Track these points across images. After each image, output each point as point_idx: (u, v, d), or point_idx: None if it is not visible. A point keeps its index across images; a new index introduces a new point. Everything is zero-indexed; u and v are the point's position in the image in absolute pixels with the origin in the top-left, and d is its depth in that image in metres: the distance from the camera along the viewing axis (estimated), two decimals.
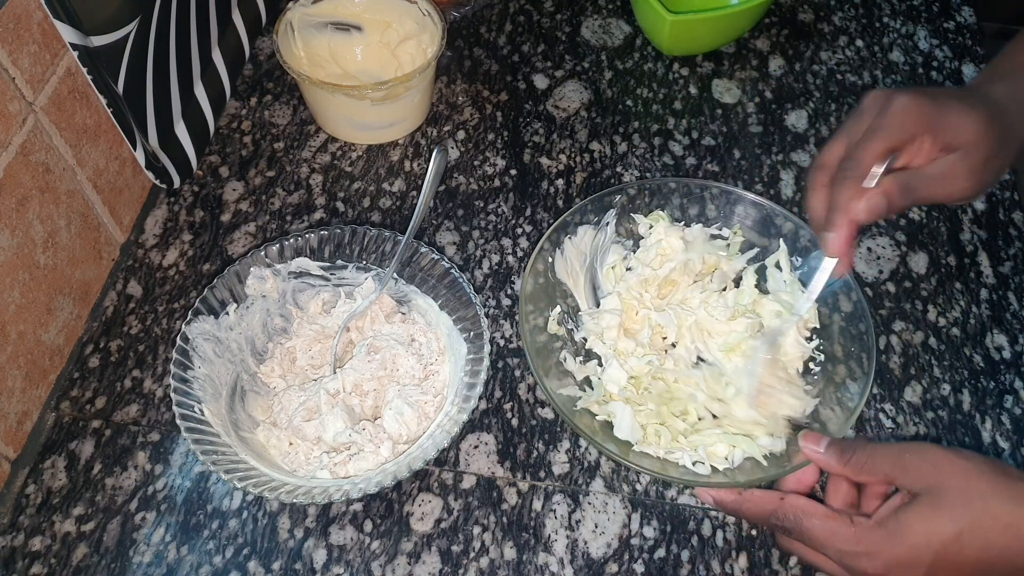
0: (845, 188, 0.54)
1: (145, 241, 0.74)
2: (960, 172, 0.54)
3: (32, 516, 0.60)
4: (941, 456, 0.47)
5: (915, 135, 0.53)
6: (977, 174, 0.54)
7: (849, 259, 0.56)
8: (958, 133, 0.53)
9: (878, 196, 0.53)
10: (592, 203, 0.67)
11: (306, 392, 0.63)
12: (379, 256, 0.66)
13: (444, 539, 0.59)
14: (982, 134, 0.53)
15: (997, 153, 0.54)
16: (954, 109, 0.54)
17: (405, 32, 0.82)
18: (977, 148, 0.53)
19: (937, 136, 0.53)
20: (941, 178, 0.54)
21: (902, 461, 0.48)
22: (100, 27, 0.62)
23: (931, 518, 0.45)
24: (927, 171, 0.54)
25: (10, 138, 0.58)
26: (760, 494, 0.52)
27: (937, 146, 0.54)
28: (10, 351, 0.60)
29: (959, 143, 0.53)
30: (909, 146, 0.54)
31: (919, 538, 0.45)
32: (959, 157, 0.54)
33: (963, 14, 0.92)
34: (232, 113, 0.83)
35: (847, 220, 0.54)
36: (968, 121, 0.53)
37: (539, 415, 0.65)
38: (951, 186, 0.54)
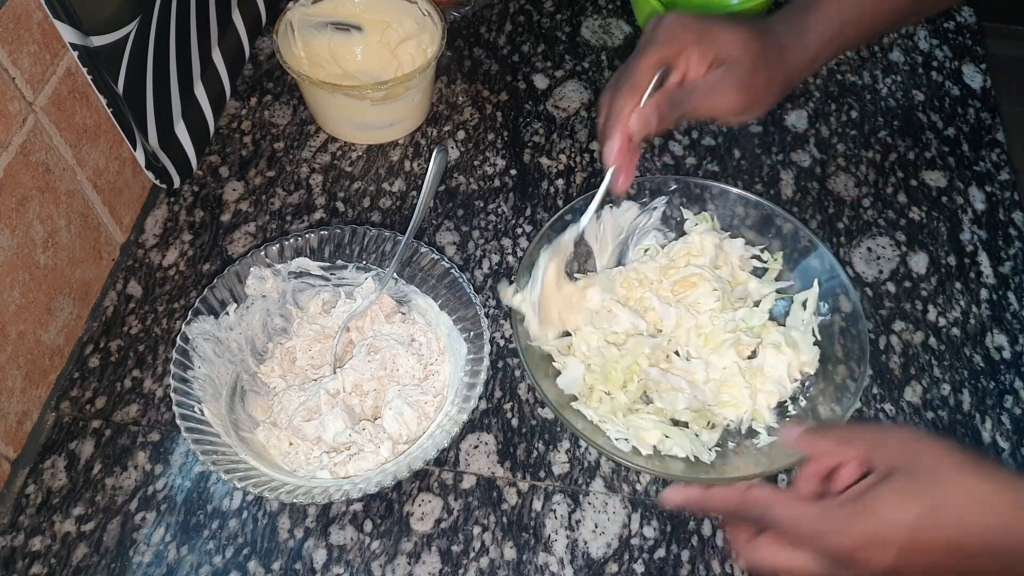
0: (619, 98, 0.57)
1: (145, 241, 0.74)
2: (726, 85, 0.56)
3: (32, 516, 0.60)
4: (915, 436, 0.47)
5: (683, 46, 0.56)
6: (743, 89, 0.57)
7: (627, 171, 0.58)
8: (722, 46, 0.56)
9: (650, 108, 0.56)
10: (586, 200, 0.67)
11: (306, 392, 0.63)
12: (379, 256, 0.66)
13: (444, 539, 0.59)
14: (746, 49, 0.56)
15: (763, 69, 0.57)
16: (721, 25, 0.57)
17: (405, 32, 0.82)
18: (742, 62, 0.56)
19: (703, 49, 0.56)
20: (708, 90, 0.57)
21: (880, 436, 0.48)
22: (100, 27, 0.62)
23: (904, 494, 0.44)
24: (696, 84, 0.57)
25: (10, 138, 0.58)
26: (724, 489, 0.51)
27: (705, 59, 0.57)
28: (10, 351, 0.60)
29: (725, 56, 0.56)
30: (679, 59, 0.57)
31: (891, 513, 0.44)
32: (726, 70, 0.56)
33: (963, 14, 0.92)
34: (232, 113, 0.83)
35: (620, 129, 0.56)
36: (732, 36, 0.57)
37: (539, 415, 0.65)
38: (718, 99, 0.57)
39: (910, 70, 0.87)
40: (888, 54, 0.88)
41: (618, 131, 0.57)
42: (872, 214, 0.76)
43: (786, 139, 0.82)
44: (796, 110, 0.84)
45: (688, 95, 0.57)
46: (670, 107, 0.57)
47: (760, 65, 0.57)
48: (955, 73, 0.87)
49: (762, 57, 0.57)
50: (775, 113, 0.84)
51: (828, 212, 0.76)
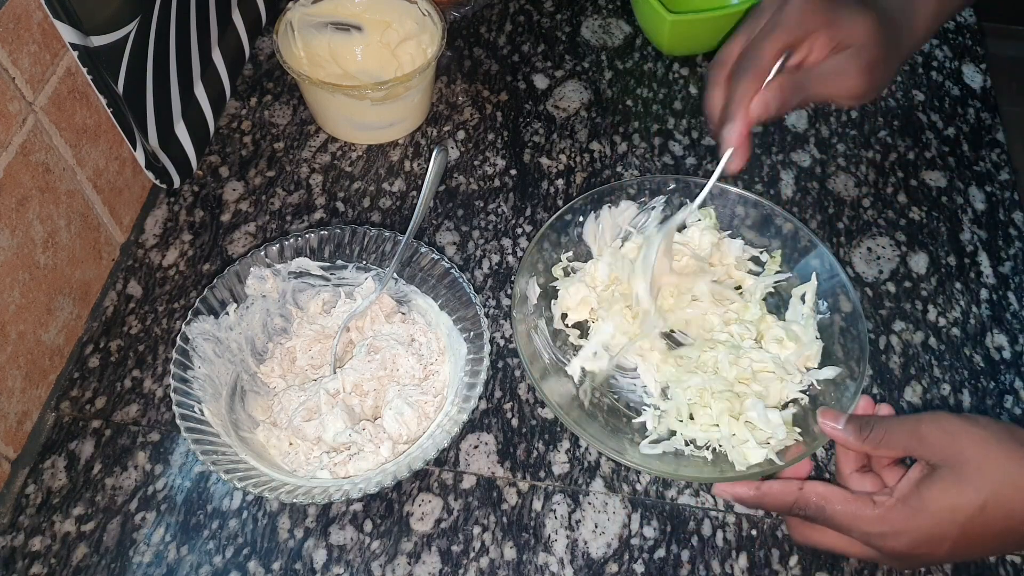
0: (743, 81, 0.56)
1: (145, 241, 0.74)
2: (851, 69, 0.57)
3: (32, 516, 0.60)
4: (957, 426, 0.47)
5: (810, 31, 0.56)
6: (867, 73, 0.57)
7: (745, 152, 0.58)
8: (851, 31, 0.56)
9: (772, 92, 0.56)
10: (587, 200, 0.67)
11: (306, 392, 0.63)
12: (379, 256, 0.66)
13: (444, 539, 0.59)
14: (873, 34, 0.56)
15: (886, 55, 0.57)
16: (847, 9, 0.56)
17: (405, 32, 0.82)
18: (867, 47, 0.56)
19: (830, 33, 0.56)
20: (832, 75, 0.57)
21: (919, 433, 0.48)
22: (100, 27, 0.62)
23: (954, 491, 0.45)
24: (820, 69, 0.57)
25: (10, 138, 0.58)
26: (779, 485, 0.52)
27: (830, 43, 0.56)
28: (10, 351, 0.60)
29: (851, 41, 0.56)
30: (804, 43, 0.56)
31: (944, 513, 0.45)
32: (850, 55, 0.56)
33: (963, 14, 0.92)
34: (232, 113, 0.83)
35: (743, 112, 0.56)
36: (860, 20, 0.56)
37: (539, 415, 0.65)
38: (842, 84, 0.57)
39: (910, 70, 0.87)
40: None
41: (740, 114, 0.56)
42: (872, 214, 0.76)
43: (786, 139, 0.82)
44: (796, 110, 0.84)
45: (810, 79, 0.57)
46: (792, 91, 0.56)
47: (882, 49, 0.57)
48: (955, 73, 0.87)
49: (883, 41, 0.57)
50: None
51: (828, 212, 0.76)
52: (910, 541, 0.47)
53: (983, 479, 0.45)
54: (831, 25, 0.56)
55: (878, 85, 0.59)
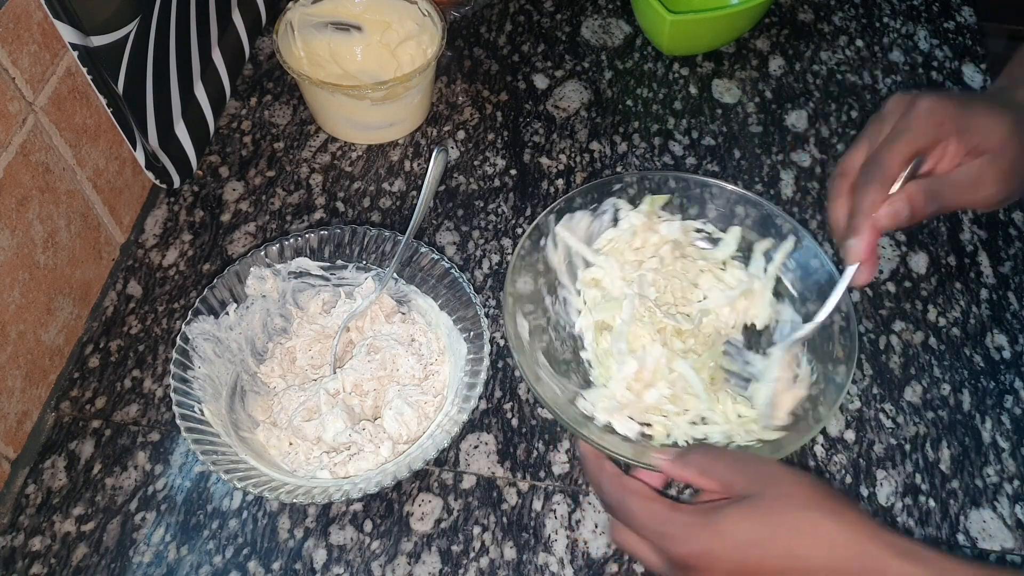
0: (868, 193, 0.53)
1: (145, 241, 0.74)
2: (988, 177, 0.53)
3: (32, 516, 0.60)
4: (777, 469, 0.47)
5: (941, 138, 0.52)
6: (1005, 179, 0.53)
7: (872, 265, 0.55)
8: (985, 136, 0.52)
9: (902, 201, 0.52)
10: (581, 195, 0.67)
11: (306, 392, 0.63)
12: (379, 256, 0.66)
13: (444, 539, 0.59)
14: (1008, 137, 0.52)
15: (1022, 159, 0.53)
16: (980, 112, 0.53)
17: (405, 32, 0.82)
18: (1004, 152, 0.52)
19: (963, 139, 0.52)
20: (968, 184, 0.53)
21: (739, 466, 0.48)
22: (100, 27, 0.62)
23: (745, 516, 0.45)
24: (953, 176, 0.53)
25: (10, 138, 0.58)
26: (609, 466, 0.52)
27: (963, 150, 0.53)
28: (10, 351, 0.60)
29: (986, 147, 0.52)
30: (934, 150, 0.53)
31: (727, 532, 0.45)
32: (987, 161, 0.52)
33: (963, 14, 0.92)
34: (232, 113, 0.83)
35: (870, 225, 0.53)
36: (995, 124, 0.52)
37: (539, 415, 0.65)
38: (979, 192, 0.53)
39: (910, 70, 0.87)
40: (888, 54, 0.88)
41: (867, 227, 0.53)
42: None
43: (786, 139, 0.82)
44: (796, 110, 0.84)
45: (946, 188, 0.53)
46: (924, 200, 0.53)
47: (1020, 151, 0.53)
48: (955, 73, 0.87)
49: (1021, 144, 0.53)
50: (775, 113, 0.84)
51: None
52: (688, 550, 0.46)
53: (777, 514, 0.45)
54: (964, 131, 0.52)
55: (1014, 190, 0.54)
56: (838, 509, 0.45)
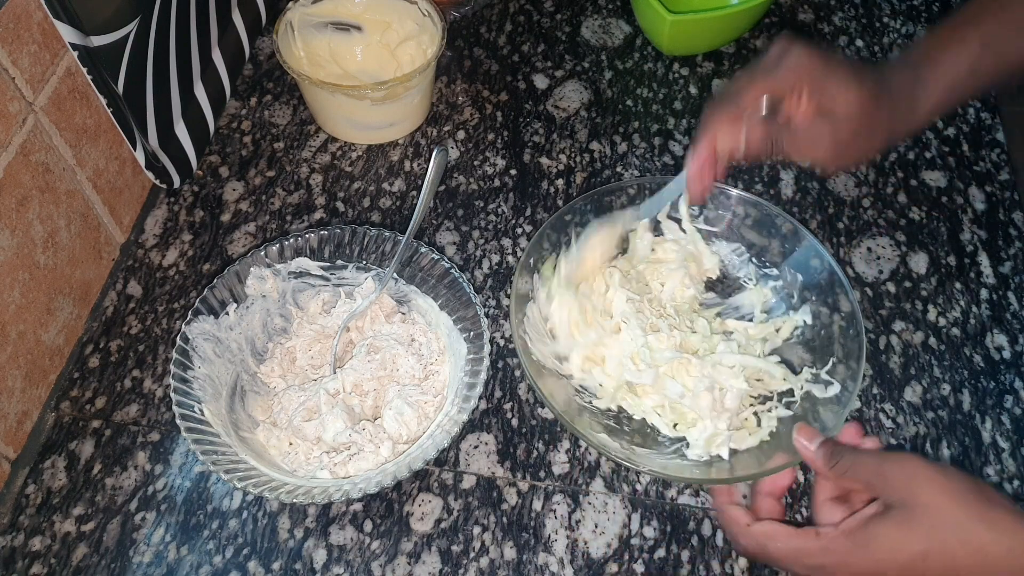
0: (717, 112, 0.56)
1: (145, 241, 0.74)
2: (824, 137, 0.55)
3: (32, 516, 0.60)
4: (920, 470, 0.47)
5: (796, 86, 0.54)
6: (840, 145, 0.55)
7: (701, 184, 0.57)
8: (835, 99, 0.54)
9: (741, 131, 0.55)
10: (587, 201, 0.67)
11: (306, 392, 0.63)
12: (379, 256, 0.66)
13: (444, 539, 0.59)
14: (857, 109, 0.54)
15: (866, 129, 0.55)
16: (841, 76, 0.55)
17: (405, 33, 0.82)
18: (848, 121, 0.54)
19: (815, 94, 0.54)
20: (806, 139, 0.55)
21: (882, 470, 0.48)
22: (100, 27, 0.62)
23: (899, 534, 0.45)
24: (796, 128, 0.56)
25: (10, 138, 0.58)
26: (734, 513, 0.52)
27: (813, 104, 0.55)
28: (10, 351, 0.60)
29: (832, 109, 0.54)
30: (789, 97, 0.55)
31: (884, 553, 0.45)
32: (829, 123, 0.55)
33: None
34: (232, 113, 0.83)
35: (707, 142, 0.56)
36: (849, 92, 0.54)
37: (539, 415, 0.65)
38: (812, 148, 0.56)
39: None
40: (888, 54, 0.88)
41: (704, 140, 0.56)
42: (872, 214, 0.76)
43: None
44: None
45: (784, 134, 0.56)
46: (764, 137, 0.55)
47: (864, 126, 0.55)
48: None
49: (868, 118, 0.55)
50: None
51: (828, 212, 0.76)
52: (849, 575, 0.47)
53: (932, 527, 0.45)
54: (817, 86, 0.54)
55: (853, 158, 0.57)
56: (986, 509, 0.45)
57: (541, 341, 0.63)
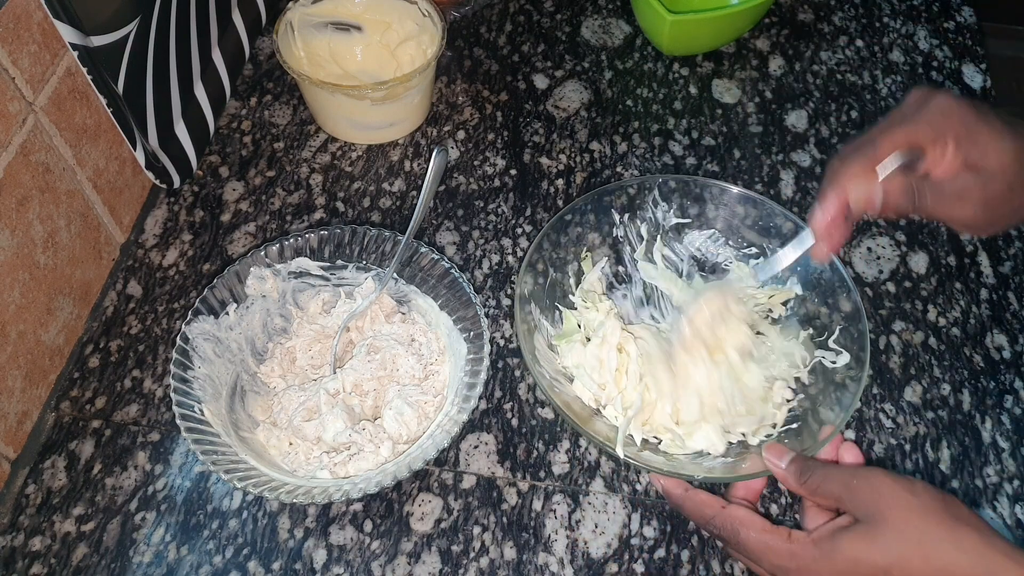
0: (849, 165, 0.51)
1: (145, 241, 0.74)
2: (974, 196, 0.50)
3: (32, 516, 0.60)
4: (887, 486, 0.47)
5: (941, 137, 0.50)
6: (990, 205, 0.50)
7: (831, 241, 0.53)
8: (985, 152, 0.49)
9: (879, 186, 0.50)
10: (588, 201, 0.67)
11: (306, 392, 0.63)
12: (379, 256, 0.66)
13: (444, 539, 0.59)
14: (1010, 163, 0.49)
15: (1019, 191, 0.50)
16: (992, 127, 0.50)
17: (405, 33, 0.82)
18: (1000, 176, 0.49)
19: (962, 147, 0.50)
20: (952, 195, 0.50)
21: (850, 486, 0.48)
22: (100, 27, 0.62)
23: (863, 546, 0.46)
24: (940, 183, 0.51)
25: (10, 138, 0.58)
26: (704, 496, 0.52)
27: (960, 159, 0.50)
28: (10, 351, 0.60)
29: (983, 164, 0.49)
30: (933, 149, 0.50)
31: (848, 564, 0.46)
32: (978, 180, 0.50)
33: (963, 14, 0.92)
34: (232, 113, 0.83)
35: (837, 196, 0.51)
36: (1001, 144, 0.49)
37: (539, 415, 0.65)
38: (960, 208, 0.50)
39: (910, 70, 0.87)
40: (888, 54, 0.88)
41: (832, 195, 0.51)
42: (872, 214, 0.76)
43: (786, 139, 0.82)
44: (796, 110, 0.84)
45: (928, 190, 0.50)
46: (905, 194, 0.50)
47: (1019, 180, 0.49)
48: (955, 73, 0.87)
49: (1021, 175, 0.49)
50: (775, 113, 0.84)
51: None
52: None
53: (895, 542, 0.45)
54: (966, 139, 0.49)
55: (1002, 219, 0.51)
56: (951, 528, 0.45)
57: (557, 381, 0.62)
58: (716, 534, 0.51)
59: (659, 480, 0.54)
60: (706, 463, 0.58)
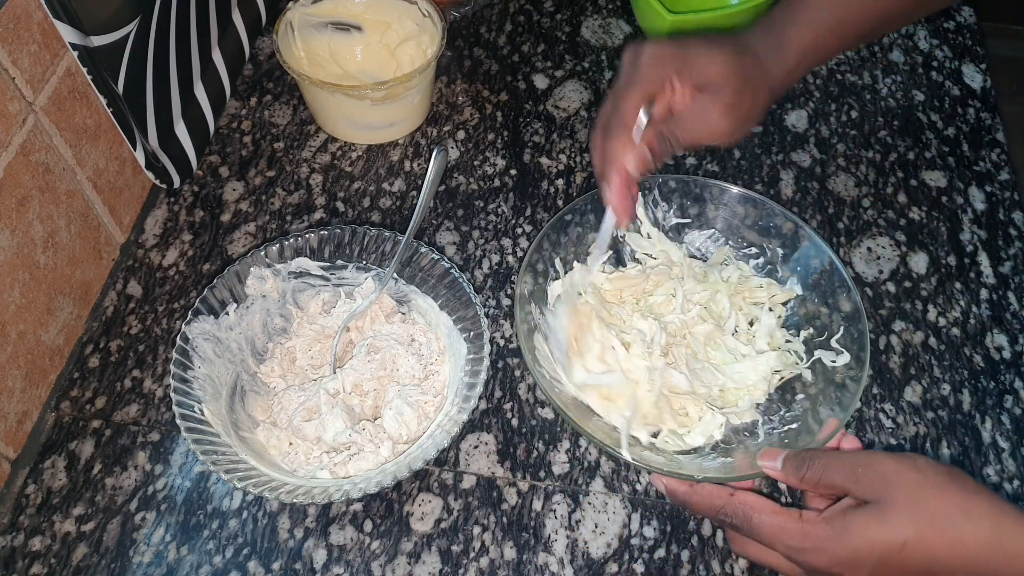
0: (612, 141, 0.57)
1: (145, 241, 0.74)
2: (713, 110, 0.56)
3: (32, 516, 0.60)
4: (892, 468, 0.47)
5: (663, 79, 0.56)
6: (730, 111, 0.56)
7: (625, 210, 0.59)
8: (704, 71, 0.56)
9: (642, 147, 0.56)
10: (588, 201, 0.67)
11: (306, 392, 0.63)
12: (379, 256, 0.66)
13: (444, 539, 0.59)
14: (728, 70, 0.56)
15: (747, 89, 0.57)
16: (699, 51, 0.56)
17: (405, 33, 0.82)
18: (726, 84, 0.56)
19: (684, 77, 0.56)
20: (697, 118, 0.57)
21: (854, 474, 0.48)
22: (100, 27, 0.62)
23: (876, 525, 0.46)
24: (683, 114, 0.57)
25: (10, 138, 0.58)
26: (711, 488, 0.53)
27: (688, 88, 0.56)
28: (10, 351, 0.60)
29: (706, 81, 0.56)
30: (662, 92, 0.56)
31: (862, 542, 0.46)
32: (710, 96, 0.56)
33: (963, 14, 0.92)
34: (232, 113, 0.83)
35: (616, 171, 0.57)
36: (712, 60, 0.56)
37: (539, 415, 0.65)
38: (707, 125, 0.57)
39: (910, 70, 0.87)
40: (888, 54, 0.88)
41: (615, 173, 0.57)
42: (872, 214, 0.76)
43: (786, 139, 0.82)
44: (796, 110, 0.84)
45: (677, 126, 0.57)
46: (661, 141, 0.57)
47: (743, 85, 0.57)
48: (955, 73, 0.87)
49: (744, 77, 0.57)
50: (775, 113, 0.84)
51: (828, 212, 0.76)
52: (828, 560, 0.47)
53: (908, 519, 0.45)
54: (683, 69, 0.56)
55: (748, 120, 0.58)
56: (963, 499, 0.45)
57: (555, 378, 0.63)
58: (728, 522, 0.51)
59: (661, 481, 0.55)
60: (704, 463, 0.58)
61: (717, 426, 0.60)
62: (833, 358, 0.61)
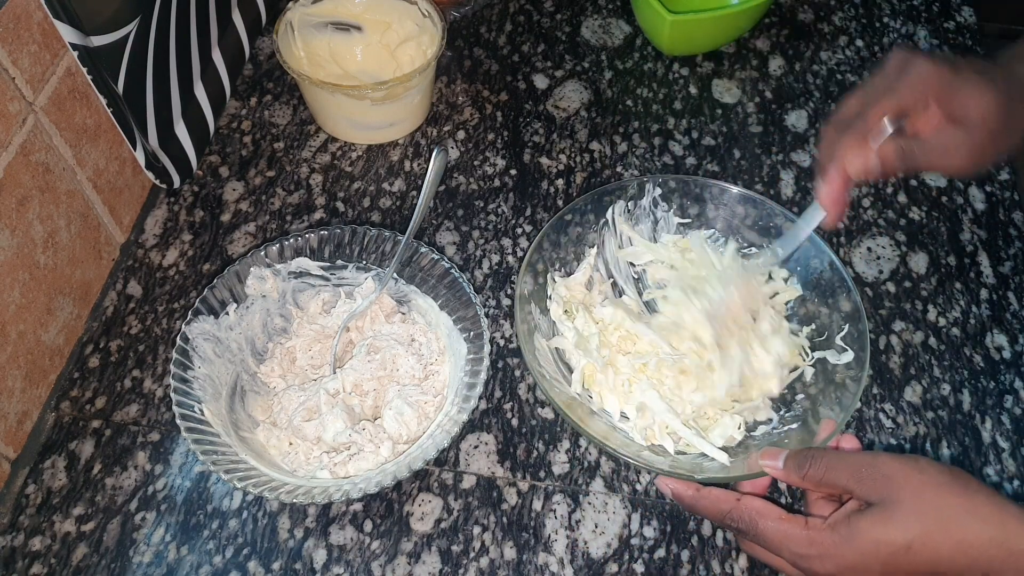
0: (846, 140, 0.55)
1: (145, 241, 0.74)
2: (961, 147, 0.54)
3: (32, 516, 0.60)
4: (896, 468, 0.47)
5: (924, 100, 0.54)
6: (975, 152, 0.54)
7: (837, 211, 0.57)
8: (967, 107, 0.53)
9: (875, 155, 0.54)
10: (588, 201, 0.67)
11: (306, 392, 0.63)
12: (379, 256, 0.66)
13: (444, 539, 0.59)
14: (989, 113, 0.53)
15: (1002, 135, 0.54)
16: (969, 82, 0.53)
17: (405, 33, 0.82)
18: (981, 126, 0.53)
19: (945, 106, 0.53)
20: (941, 149, 0.54)
21: (858, 474, 0.48)
22: (100, 27, 0.62)
23: (881, 528, 0.46)
24: (929, 140, 0.54)
25: (10, 138, 0.58)
26: (718, 492, 0.53)
27: (942, 116, 0.54)
28: (10, 351, 0.60)
29: (965, 118, 0.53)
30: (915, 110, 0.54)
31: (868, 545, 0.46)
32: (962, 131, 0.54)
33: (963, 14, 0.92)
34: (232, 113, 0.83)
35: (839, 171, 0.55)
36: (980, 97, 0.53)
37: (539, 415, 0.65)
38: (949, 159, 0.55)
39: None
40: (888, 54, 0.88)
41: (835, 171, 0.55)
42: (872, 214, 0.76)
43: (786, 139, 0.82)
44: (796, 110, 0.84)
45: (919, 149, 0.54)
46: (899, 158, 0.54)
47: (1000, 128, 0.54)
48: None
49: (1002, 121, 0.53)
50: (775, 113, 0.84)
51: None
52: (834, 567, 0.47)
53: (913, 521, 0.45)
54: (947, 98, 0.53)
55: (985, 164, 0.55)
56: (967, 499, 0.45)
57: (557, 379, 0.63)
58: (734, 527, 0.51)
59: (666, 484, 0.54)
60: (705, 463, 0.58)
61: (735, 427, 0.60)
62: (836, 356, 0.61)
